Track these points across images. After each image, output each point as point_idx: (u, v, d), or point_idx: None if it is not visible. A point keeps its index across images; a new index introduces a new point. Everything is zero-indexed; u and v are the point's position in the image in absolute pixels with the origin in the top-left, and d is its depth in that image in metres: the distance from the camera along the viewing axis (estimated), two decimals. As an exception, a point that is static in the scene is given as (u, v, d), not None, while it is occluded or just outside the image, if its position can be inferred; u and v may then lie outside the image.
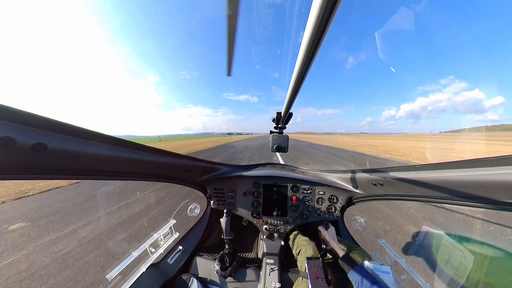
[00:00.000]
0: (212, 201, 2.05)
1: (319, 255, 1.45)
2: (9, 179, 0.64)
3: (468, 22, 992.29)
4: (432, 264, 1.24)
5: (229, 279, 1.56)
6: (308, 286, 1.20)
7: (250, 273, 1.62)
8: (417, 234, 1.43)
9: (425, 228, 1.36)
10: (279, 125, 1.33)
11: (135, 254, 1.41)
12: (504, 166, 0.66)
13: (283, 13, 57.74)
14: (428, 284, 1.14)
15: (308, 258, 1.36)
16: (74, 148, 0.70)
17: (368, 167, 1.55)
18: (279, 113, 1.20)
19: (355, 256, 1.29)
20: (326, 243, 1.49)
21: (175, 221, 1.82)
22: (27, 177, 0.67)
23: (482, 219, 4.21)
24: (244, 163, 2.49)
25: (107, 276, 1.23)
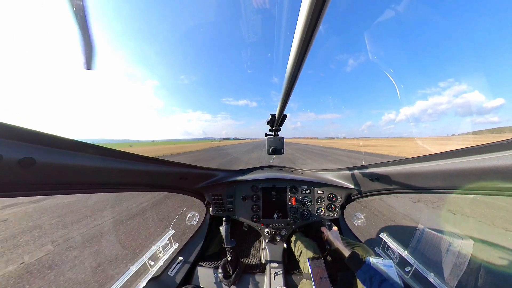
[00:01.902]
0: (211, 208, 2.02)
1: (320, 255, 1.44)
2: None
3: (465, 24, 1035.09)
4: (434, 254, 1.25)
5: (233, 287, 1.52)
6: (312, 287, 1.19)
7: (254, 279, 1.59)
8: (417, 225, 1.45)
9: (424, 218, 1.39)
10: (274, 127, 1.33)
11: (133, 268, 1.35)
12: (492, 153, 0.69)
13: (273, 17, 57.26)
14: (432, 274, 1.15)
15: (310, 259, 1.34)
16: (64, 161, 0.68)
17: (364, 163, 1.58)
18: (273, 116, 1.21)
19: (359, 254, 1.29)
20: (331, 244, 1.48)
21: (173, 231, 1.76)
22: (15, 194, 0.64)
23: (476, 204, 4.35)
24: (241, 168, 2.48)
25: None
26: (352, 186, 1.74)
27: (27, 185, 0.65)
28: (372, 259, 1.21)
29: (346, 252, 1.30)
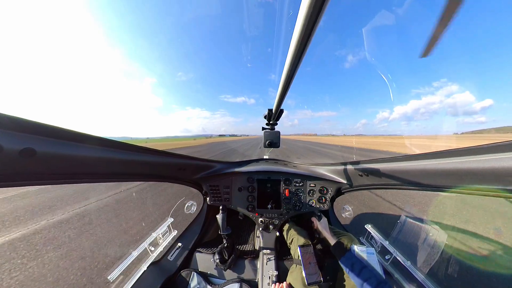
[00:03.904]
0: (208, 198, 2.09)
1: (310, 243, 1.55)
2: None
3: (463, 25, 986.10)
4: (412, 244, 1.38)
5: (228, 271, 1.64)
6: (302, 272, 1.31)
7: (248, 264, 1.71)
8: (399, 217, 1.56)
9: (405, 211, 1.50)
10: (271, 122, 1.37)
11: (135, 253, 1.43)
12: (471, 156, 0.74)
13: (273, 13, 53.92)
14: (409, 262, 1.28)
15: (301, 246, 1.45)
16: (65, 151, 0.68)
17: (355, 159, 1.66)
18: (270, 110, 1.24)
19: (345, 243, 1.40)
20: (319, 233, 1.60)
21: (172, 219, 1.85)
22: (16, 184, 0.65)
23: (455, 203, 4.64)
24: (238, 160, 2.54)
25: (108, 277, 1.25)
26: (343, 180, 1.83)
27: (29, 175, 0.66)
28: (356, 248, 1.32)
29: (332, 241, 1.41)
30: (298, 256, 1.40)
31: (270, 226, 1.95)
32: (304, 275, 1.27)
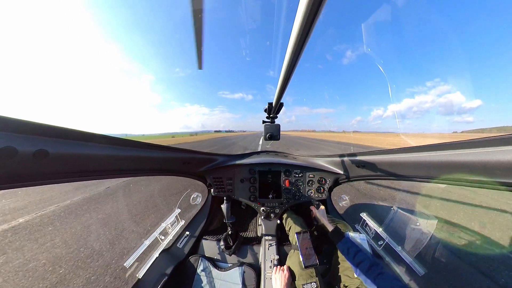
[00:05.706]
0: (212, 190, 2.19)
1: (307, 230, 1.66)
2: (13, 188, 0.65)
3: (458, 25, 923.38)
4: (403, 231, 1.47)
5: (233, 256, 1.77)
6: (299, 256, 1.42)
7: (251, 249, 1.84)
8: (392, 206, 1.65)
9: (398, 200, 1.58)
10: (271, 115, 1.39)
11: (147, 242, 1.56)
12: (462, 149, 0.78)
13: (272, 5, 50.25)
14: (399, 247, 1.38)
15: (298, 233, 1.56)
16: (75, 151, 0.72)
17: (352, 151, 1.71)
18: (270, 104, 1.26)
19: (341, 229, 1.50)
20: (317, 221, 1.70)
21: (179, 210, 1.96)
22: (31, 184, 0.69)
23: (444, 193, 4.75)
24: (239, 152, 2.60)
25: (124, 264, 1.37)
26: (340, 171, 1.89)
27: (43, 175, 0.70)
28: (351, 234, 1.42)
29: (330, 228, 1.50)
30: (296, 242, 1.51)
31: (271, 215, 2.05)
32: (301, 258, 1.39)
